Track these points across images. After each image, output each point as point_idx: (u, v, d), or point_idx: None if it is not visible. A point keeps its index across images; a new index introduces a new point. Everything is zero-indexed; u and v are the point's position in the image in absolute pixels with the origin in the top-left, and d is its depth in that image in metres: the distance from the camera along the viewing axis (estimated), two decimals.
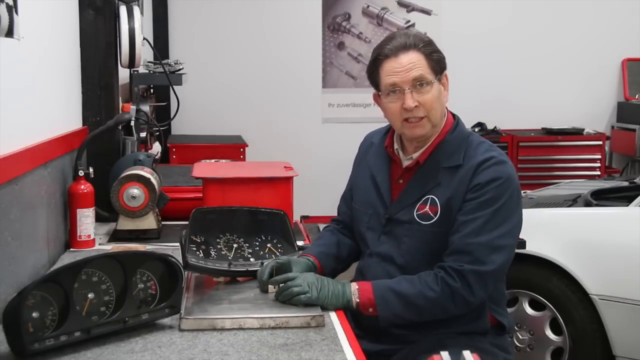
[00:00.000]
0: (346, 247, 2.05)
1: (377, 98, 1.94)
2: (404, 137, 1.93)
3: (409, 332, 1.85)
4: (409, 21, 5.92)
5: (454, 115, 1.96)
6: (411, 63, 1.82)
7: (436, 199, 1.85)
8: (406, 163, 1.93)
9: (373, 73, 1.90)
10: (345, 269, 2.06)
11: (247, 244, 2.00)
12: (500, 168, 1.82)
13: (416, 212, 1.86)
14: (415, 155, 1.91)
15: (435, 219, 1.84)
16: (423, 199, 1.86)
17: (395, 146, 1.97)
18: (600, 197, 3.49)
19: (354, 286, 1.81)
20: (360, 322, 1.88)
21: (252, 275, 1.91)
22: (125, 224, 2.35)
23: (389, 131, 2.02)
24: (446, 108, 1.93)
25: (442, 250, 1.82)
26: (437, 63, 1.86)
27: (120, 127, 2.68)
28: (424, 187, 1.87)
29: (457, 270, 1.77)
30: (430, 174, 1.88)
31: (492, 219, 1.78)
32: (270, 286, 1.80)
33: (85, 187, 2.25)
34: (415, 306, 1.78)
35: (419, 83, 1.82)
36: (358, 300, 1.79)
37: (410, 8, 5.94)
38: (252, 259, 1.97)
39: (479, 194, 1.80)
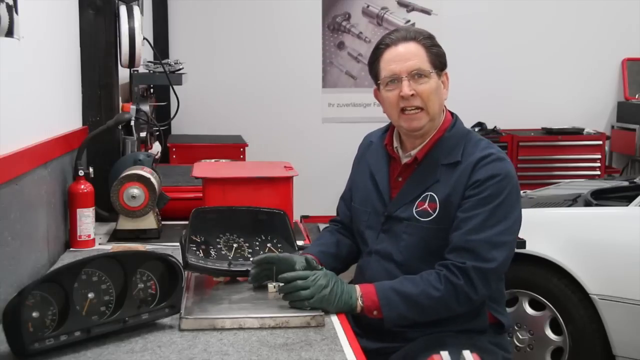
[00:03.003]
0: (346, 247, 2.05)
1: (376, 93, 1.95)
2: (401, 131, 1.94)
3: (408, 330, 1.85)
4: (409, 21, 5.92)
5: (452, 114, 1.97)
6: (410, 53, 1.85)
7: (435, 196, 1.85)
8: (405, 160, 1.93)
9: (373, 63, 1.92)
10: (345, 269, 2.06)
11: (247, 244, 2.00)
12: (499, 165, 1.83)
13: (415, 209, 1.87)
14: (414, 152, 1.92)
15: (434, 215, 1.84)
16: (422, 196, 1.87)
17: (395, 144, 1.97)
18: (600, 197, 3.49)
19: (359, 291, 1.79)
20: (359, 321, 1.88)
21: None
22: (125, 223, 2.35)
23: (388, 130, 2.03)
24: (445, 107, 1.94)
25: (440, 247, 1.82)
26: (437, 57, 1.88)
27: (120, 127, 2.68)
28: (423, 184, 1.88)
29: (459, 268, 1.76)
30: (429, 171, 1.88)
31: (492, 215, 1.79)
32: (270, 286, 1.80)
33: (85, 187, 2.25)
34: (419, 306, 1.77)
35: (416, 73, 1.84)
36: (362, 304, 1.78)
37: (410, 8, 5.94)
38: (252, 259, 1.96)
39: (478, 190, 1.80)
